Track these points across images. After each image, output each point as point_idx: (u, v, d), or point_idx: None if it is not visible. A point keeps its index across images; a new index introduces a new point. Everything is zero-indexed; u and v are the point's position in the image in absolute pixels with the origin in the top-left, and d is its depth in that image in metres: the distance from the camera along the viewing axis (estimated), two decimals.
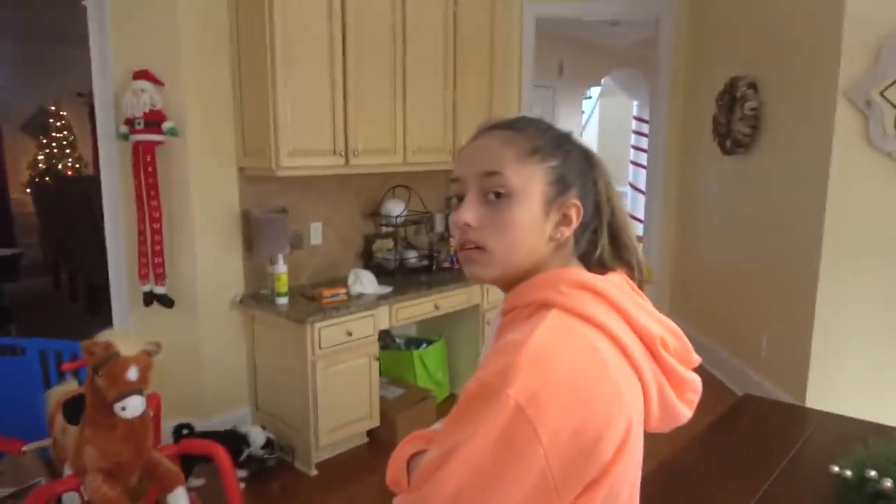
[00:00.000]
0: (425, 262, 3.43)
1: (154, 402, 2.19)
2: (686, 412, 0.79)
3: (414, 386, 3.31)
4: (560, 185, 0.77)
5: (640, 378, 0.72)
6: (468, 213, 0.76)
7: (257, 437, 2.71)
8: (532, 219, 0.75)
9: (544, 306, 0.72)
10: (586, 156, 0.82)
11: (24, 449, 2.11)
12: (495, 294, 3.34)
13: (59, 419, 2.04)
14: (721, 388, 3.65)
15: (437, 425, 0.89)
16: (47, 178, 7.32)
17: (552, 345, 0.66)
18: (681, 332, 0.80)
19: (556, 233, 0.77)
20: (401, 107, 3.14)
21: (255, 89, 2.76)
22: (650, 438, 0.78)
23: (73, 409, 1.98)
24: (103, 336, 1.87)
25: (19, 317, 4.95)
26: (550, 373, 0.64)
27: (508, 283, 0.80)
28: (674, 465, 1.57)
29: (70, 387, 2.23)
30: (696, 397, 0.80)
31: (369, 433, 3.01)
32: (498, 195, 0.75)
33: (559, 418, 0.62)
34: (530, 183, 0.75)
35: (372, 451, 2.96)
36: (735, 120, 3.48)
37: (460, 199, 0.79)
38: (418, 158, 3.26)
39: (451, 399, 3.47)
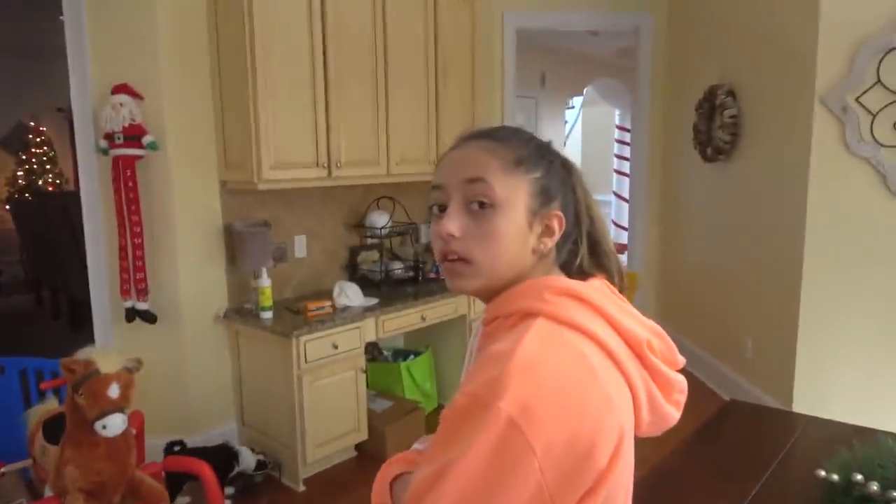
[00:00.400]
0: (411, 274, 3.42)
1: (137, 420, 2.16)
2: (674, 414, 0.79)
3: (402, 398, 3.29)
4: (543, 197, 0.76)
5: (629, 382, 0.72)
6: (452, 224, 0.75)
7: (248, 459, 2.67)
8: (516, 230, 0.74)
9: (529, 315, 0.71)
10: (565, 165, 0.82)
11: (3, 470, 2.07)
12: (482, 304, 3.33)
13: (39, 439, 2.00)
14: (707, 393, 3.66)
15: (418, 445, 0.88)
16: (27, 195, 7.22)
17: (541, 354, 0.66)
18: (665, 334, 0.80)
19: (539, 244, 0.76)
20: (383, 118, 3.14)
21: (236, 102, 2.74)
22: (637, 443, 0.78)
23: (54, 429, 1.94)
24: (83, 353, 1.85)
25: None
26: (541, 382, 0.63)
27: (490, 294, 0.79)
28: (662, 471, 1.56)
29: (50, 406, 2.20)
30: (683, 398, 0.81)
31: (357, 447, 2.98)
32: (482, 205, 0.74)
33: (552, 429, 0.61)
34: (515, 194, 0.74)
35: (360, 464, 2.93)
36: (715, 127, 3.53)
37: (441, 208, 0.77)
38: (402, 169, 3.26)
39: (440, 410, 3.45)
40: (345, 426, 2.84)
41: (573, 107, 8.53)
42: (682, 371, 0.80)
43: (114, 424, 1.77)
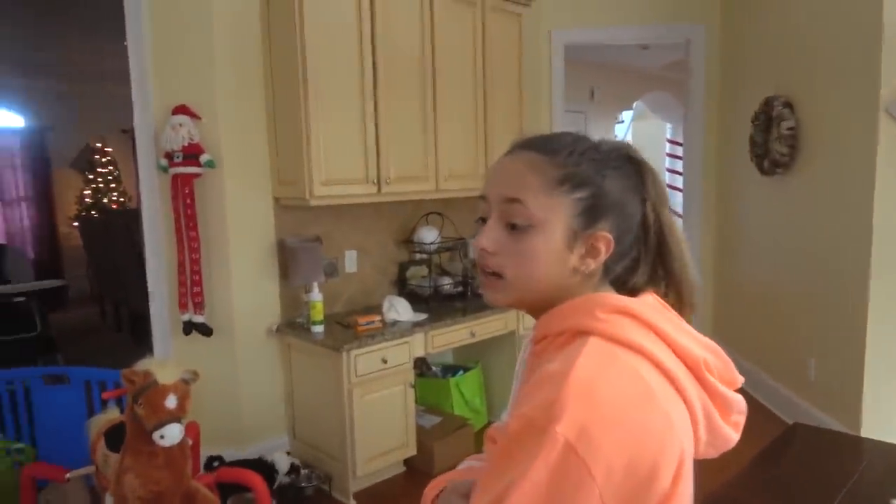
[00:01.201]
0: (460, 289, 3.42)
1: (192, 431, 2.21)
2: (733, 435, 0.76)
3: (451, 414, 3.27)
4: (588, 217, 0.73)
5: (686, 402, 0.69)
6: (486, 239, 0.75)
7: (282, 463, 2.71)
8: (553, 250, 0.73)
9: (581, 334, 0.69)
10: (640, 171, 0.77)
11: (67, 476, 2.15)
12: (529, 321, 3.29)
13: (101, 447, 2.07)
14: (767, 416, 3.51)
15: (462, 466, 0.87)
16: (94, 212, 7.56)
17: (596, 375, 0.64)
18: (722, 352, 0.77)
19: (581, 264, 0.74)
20: (432, 134, 3.17)
21: (289, 121, 2.82)
22: (695, 468, 0.75)
23: (115, 438, 2.01)
24: (142, 365, 1.90)
25: (66, 347, 5.08)
26: (598, 405, 0.61)
27: (531, 309, 0.78)
28: (720, 498, 1.50)
29: (112, 415, 2.27)
30: (742, 419, 0.77)
31: (406, 462, 2.98)
32: (517, 225, 0.73)
33: (611, 453, 0.59)
34: (554, 214, 0.72)
35: (409, 480, 2.92)
36: (772, 140, 3.42)
37: (485, 220, 0.77)
38: (450, 185, 3.27)
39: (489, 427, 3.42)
40: (394, 441, 2.84)
41: (623, 121, 8.42)
42: (740, 391, 0.77)
43: (171, 434, 1.81)
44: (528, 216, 0.72)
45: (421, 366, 3.44)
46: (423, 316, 3.01)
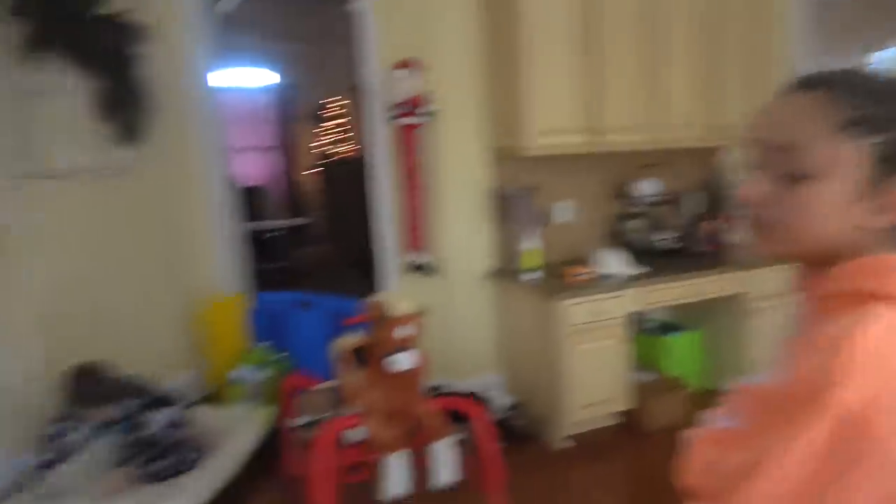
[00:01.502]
0: (677, 245, 3.25)
1: (421, 361, 2.41)
2: None
3: (665, 373, 3.18)
4: (884, 167, 0.63)
5: None
6: (753, 189, 0.69)
7: (499, 399, 2.83)
8: (835, 204, 0.65)
9: (869, 297, 0.62)
10: None
11: (316, 387, 2.49)
12: (760, 285, 3.01)
13: (346, 365, 2.36)
14: None
15: (721, 422, 0.83)
16: (328, 160, 8.44)
17: (887, 344, 0.57)
18: None
19: (869, 221, 0.65)
20: (652, 84, 3.00)
21: (506, 72, 2.85)
22: None
23: (359, 358, 2.28)
24: (381, 296, 2.12)
25: (306, 277, 5.83)
26: (888, 375, 0.55)
27: (806, 261, 0.71)
28: None
29: (353, 339, 2.57)
30: None
31: (618, 415, 2.94)
32: (792, 174, 0.66)
33: None
34: (838, 163, 0.64)
35: (620, 433, 2.90)
36: None
37: (753, 167, 0.71)
38: (671, 135, 3.08)
39: (705, 392, 3.21)
40: (604, 393, 2.82)
41: (877, 64, 7.17)
42: None
43: (402, 361, 2.01)
44: (807, 165, 0.65)
45: (635, 321, 3.36)
46: (637, 270, 2.91)
